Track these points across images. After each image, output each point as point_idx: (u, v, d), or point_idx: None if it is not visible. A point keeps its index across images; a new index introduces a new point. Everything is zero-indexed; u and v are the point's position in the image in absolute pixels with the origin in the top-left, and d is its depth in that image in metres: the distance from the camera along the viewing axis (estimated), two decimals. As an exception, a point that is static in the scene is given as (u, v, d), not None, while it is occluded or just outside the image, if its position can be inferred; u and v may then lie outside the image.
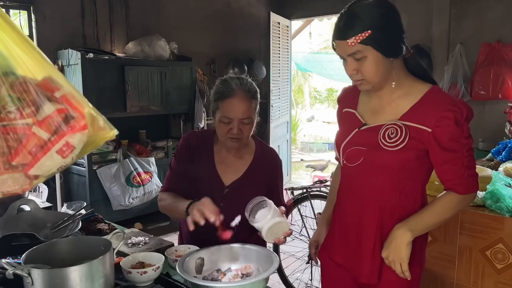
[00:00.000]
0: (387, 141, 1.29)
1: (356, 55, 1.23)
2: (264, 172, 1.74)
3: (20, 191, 0.75)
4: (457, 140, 1.26)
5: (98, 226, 1.84)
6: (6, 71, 0.73)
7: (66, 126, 0.74)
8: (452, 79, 4.35)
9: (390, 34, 1.23)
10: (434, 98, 1.29)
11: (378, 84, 1.29)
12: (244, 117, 1.60)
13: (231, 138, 1.63)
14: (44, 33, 3.97)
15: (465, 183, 1.29)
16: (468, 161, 1.28)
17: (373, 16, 1.20)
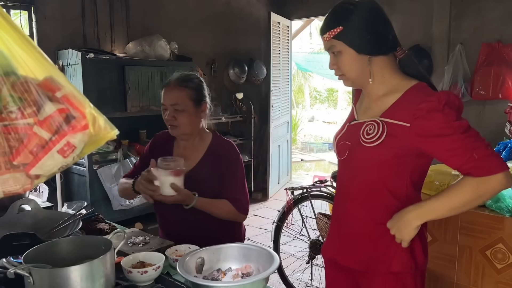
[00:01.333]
0: (365, 137, 1.32)
1: (332, 49, 1.32)
2: (217, 164, 1.83)
3: (21, 190, 0.76)
4: (446, 125, 1.21)
5: (99, 226, 1.84)
6: (7, 71, 0.73)
7: (67, 126, 0.74)
8: (452, 79, 4.35)
9: (362, 32, 1.28)
10: (414, 93, 1.29)
11: (356, 80, 1.35)
12: (173, 103, 1.78)
13: (170, 125, 1.82)
14: (44, 33, 3.97)
15: (478, 164, 1.18)
16: (470, 142, 1.20)
17: (346, 14, 1.29)
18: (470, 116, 4.45)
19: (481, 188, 1.21)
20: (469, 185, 1.22)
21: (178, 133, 1.84)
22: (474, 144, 1.20)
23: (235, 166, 1.86)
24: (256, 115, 5.75)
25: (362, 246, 1.39)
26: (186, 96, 1.79)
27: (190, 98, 1.80)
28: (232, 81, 5.65)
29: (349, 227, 1.42)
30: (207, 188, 1.78)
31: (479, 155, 1.19)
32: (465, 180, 1.23)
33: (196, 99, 1.82)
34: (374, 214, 1.36)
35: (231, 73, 5.60)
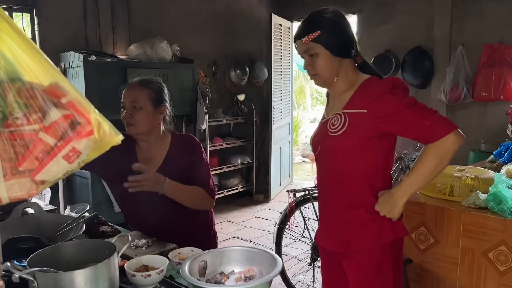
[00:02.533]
0: (331, 128, 1.53)
1: (309, 51, 1.51)
2: (182, 157, 1.90)
3: (26, 196, 0.76)
4: (396, 103, 1.40)
5: (102, 229, 1.85)
6: (13, 77, 0.74)
7: (72, 131, 0.74)
8: (454, 80, 4.35)
9: (337, 37, 1.50)
10: (366, 85, 1.51)
11: (328, 79, 1.54)
12: (132, 100, 1.82)
13: (126, 123, 1.85)
14: (46, 36, 3.99)
15: (431, 130, 1.37)
16: (420, 113, 1.39)
17: (323, 20, 1.50)
18: (472, 117, 4.45)
19: (440, 151, 1.38)
20: (430, 151, 1.40)
21: (134, 132, 1.86)
22: (424, 113, 1.39)
23: (199, 153, 1.95)
24: (257, 116, 5.76)
25: (340, 230, 1.59)
26: (146, 96, 1.84)
27: (149, 98, 1.84)
28: (234, 82, 5.66)
29: (328, 214, 1.64)
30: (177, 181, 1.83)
31: (430, 122, 1.37)
32: (426, 148, 1.42)
33: (155, 100, 1.86)
34: (347, 198, 1.54)
35: (232, 75, 5.61)
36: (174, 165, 1.88)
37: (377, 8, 5.06)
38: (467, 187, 2.16)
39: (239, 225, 4.84)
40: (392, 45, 4.95)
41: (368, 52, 5.15)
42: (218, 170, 5.34)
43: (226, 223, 4.91)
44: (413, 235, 2.21)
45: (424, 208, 2.17)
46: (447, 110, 4.61)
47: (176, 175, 1.84)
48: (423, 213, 2.17)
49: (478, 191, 2.09)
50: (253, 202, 5.67)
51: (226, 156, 5.59)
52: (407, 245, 2.24)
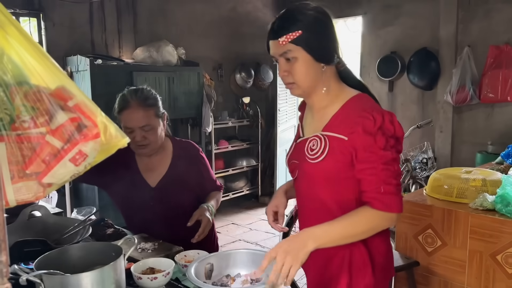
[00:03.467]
0: (310, 153, 1.29)
1: (287, 54, 1.24)
2: (186, 165, 1.90)
3: (33, 199, 0.76)
4: (370, 150, 1.19)
5: (108, 232, 1.85)
6: (20, 80, 0.74)
7: (79, 134, 0.75)
8: (460, 82, 4.33)
9: (322, 39, 1.24)
10: (352, 105, 1.27)
11: (308, 88, 1.29)
12: (142, 125, 1.74)
13: (138, 146, 1.77)
14: (53, 40, 4.02)
15: (381, 198, 1.19)
16: (385, 175, 1.19)
17: (306, 18, 1.23)
18: (478, 119, 4.43)
19: (375, 221, 1.21)
20: (366, 215, 1.21)
21: (148, 151, 1.83)
22: (387, 179, 1.19)
23: (202, 160, 1.99)
24: (262, 119, 5.76)
25: (318, 266, 1.36)
26: (152, 115, 1.79)
27: (155, 116, 1.80)
28: (239, 85, 5.66)
29: None
30: (182, 191, 1.88)
31: (385, 189, 1.19)
32: (363, 210, 1.21)
33: (159, 115, 1.83)
34: None
35: (237, 78, 5.61)
36: (179, 174, 1.89)
37: (382, 10, 5.05)
38: (474, 189, 2.15)
39: (245, 228, 4.83)
40: (397, 47, 4.94)
41: (374, 54, 5.15)
42: (224, 173, 5.34)
43: (231, 226, 4.91)
44: (420, 238, 2.20)
45: (431, 210, 2.15)
46: (453, 112, 4.59)
47: (179, 183, 1.87)
48: (430, 215, 2.15)
49: (486, 193, 2.07)
50: (259, 204, 5.67)
51: (231, 158, 5.60)
52: (414, 248, 2.23)
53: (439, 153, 4.68)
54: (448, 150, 4.66)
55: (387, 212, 1.20)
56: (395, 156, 1.21)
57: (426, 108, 4.86)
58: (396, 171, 1.21)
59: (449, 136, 4.64)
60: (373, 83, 5.18)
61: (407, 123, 4.84)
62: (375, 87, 5.16)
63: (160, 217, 1.84)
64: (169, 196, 1.85)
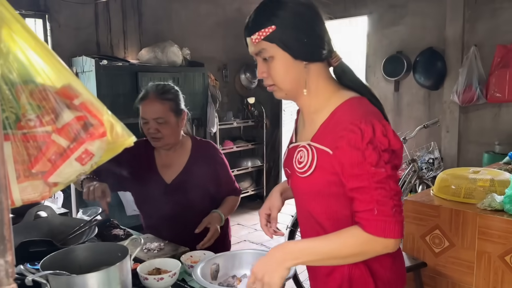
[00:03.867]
0: (298, 166, 1.16)
1: (262, 54, 1.11)
2: (203, 164, 1.90)
3: (39, 198, 0.76)
4: (360, 168, 1.03)
5: (114, 232, 1.85)
6: (26, 79, 0.74)
7: (85, 133, 0.74)
8: (467, 81, 4.29)
9: (299, 33, 1.08)
10: (342, 112, 1.10)
11: (290, 91, 1.14)
12: (156, 117, 1.78)
13: (152, 138, 1.82)
14: (58, 41, 4.03)
15: (374, 220, 1.02)
16: (380, 195, 1.02)
17: (280, 11, 1.07)
18: (485, 118, 4.39)
19: (367, 246, 1.05)
20: (356, 238, 1.05)
21: (162, 145, 1.86)
22: (382, 199, 1.02)
23: (222, 161, 1.97)
24: (267, 119, 5.75)
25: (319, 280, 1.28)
26: (168, 109, 1.81)
27: (171, 110, 1.82)
28: (244, 86, 5.65)
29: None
30: (197, 190, 1.87)
31: (380, 212, 1.02)
32: (354, 231, 1.05)
33: (176, 110, 1.84)
34: None
35: (242, 78, 5.61)
36: (194, 173, 1.88)
37: (387, 10, 5.02)
38: (482, 189, 2.13)
39: (250, 228, 4.82)
40: (403, 47, 4.91)
41: (379, 53, 5.12)
42: (229, 174, 5.33)
43: (237, 226, 4.89)
44: (428, 238, 2.18)
45: (438, 210, 2.13)
46: (460, 112, 4.55)
47: (194, 182, 1.86)
48: (438, 215, 2.13)
49: (494, 193, 2.05)
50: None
51: (236, 159, 5.59)
52: (421, 248, 2.21)
53: (445, 153, 4.65)
54: (455, 150, 4.63)
55: (384, 238, 1.02)
56: (391, 173, 1.04)
57: (432, 108, 4.83)
58: (392, 190, 1.03)
59: (455, 136, 4.61)
60: (379, 83, 5.15)
61: (413, 123, 4.81)
62: (381, 87, 5.13)
63: (174, 215, 1.84)
64: (183, 194, 1.85)
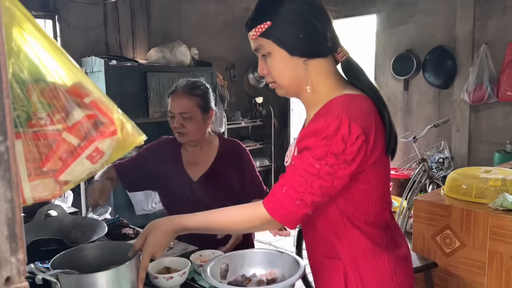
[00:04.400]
0: (285, 164, 1.17)
1: (260, 50, 1.11)
2: (230, 163, 1.88)
3: (50, 197, 0.76)
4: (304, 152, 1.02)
5: (123, 231, 1.85)
6: (37, 78, 0.74)
7: (96, 131, 0.74)
8: (477, 80, 4.25)
9: (296, 29, 1.05)
10: (325, 108, 1.07)
11: (289, 87, 1.13)
12: (181, 111, 1.78)
13: (178, 133, 1.82)
14: (68, 41, 4.05)
15: (272, 196, 1.03)
16: (297, 181, 1.00)
17: (275, 5, 1.06)
18: (496, 117, 4.34)
19: (253, 216, 1.07)
20: (249, 208, 1.09)
21: (186, 140, 1.85)
22: (296, 186, 1.00)
23: (249, 161, 1.95)
24: (276, 119, 5.74)
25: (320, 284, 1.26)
26: (194, 104, 1.80)
27: (197, 106, 1.81)
28: (252, 85, 5.65)
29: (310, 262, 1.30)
30: (222, 189, 1.85)
31: (286, 192, 1.01)
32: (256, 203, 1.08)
33: (203, 107, 1.83)
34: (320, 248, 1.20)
35: (250, 78, 5.60)
36: (221, 172, 1.87)
37: (396, 8, 4.99)
38: (494, 189, 2.10)
39: (259, 228, 4.81)
40: (412, 45, 4.88)
41: (388, 52, 5.09)
42: (237, 173, 5.33)
43: (245, 226, 4.89)
44: (438, 238, 2.16)
45: (449, 210, 2.11)
46: (470, 111, 4.51)
47: (220, 180, 1.85)
48: (449, 215, 2.11)
49: (506, 192, 2.03)
50: (272, 205, 5.64)
51: (245, 159, 5.59)
52: (431, 248, 2.19)
53: (456, 152, 4.60)
54: (465, 149, 4.59)
55: (263, 204, 1.04)
56: (323, 176, 0.98)
57: (442, 107, 4.79)
58: (311, 188, 0.99)
59: (466, 135, 4.57)
60: (388, 82, 5.12)
61: (423, 122, 4.77)
62: (390, 86, 5.10)
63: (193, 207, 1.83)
64: (209, 192, 1.83)
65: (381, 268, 1.13)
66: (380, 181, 1.11)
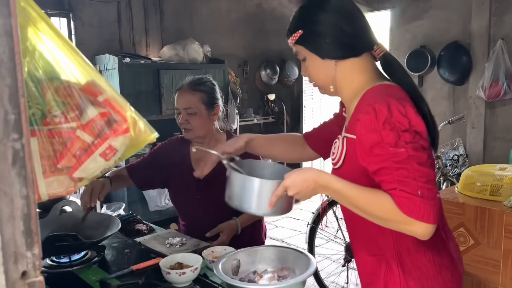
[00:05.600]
0: (332, 158, 1.22)
1: (298, 55, 1.21)
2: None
3: (65, 193, 0.77)
4: (378, 148, 1.02)
5: (137, 227, 1.88)
6: (51, 76, 0.75)
7: (109, 129, 0.75)
8: (493, 76, 4.18)
9: (323, 34, 1.14)
10: (364, 99, 1.12)
11: (326, 87, 1.21)
12: (186, 107, 1.81)
13: (183, 129, 1.85)
14: (82, 39, 4.10)
15: (399, 197, 0.99)
16: (400, 175, 0.99)
17: (307, 14, 1.17)
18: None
19: (389, 213, 1.01)
20: (385, 202, 1.01)
21: (192, 136, 1.87)
22: (404, 180, 0.99)
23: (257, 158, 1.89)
24: (288, 116, 5.73)
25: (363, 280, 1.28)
26: (198, 100, 1.82)
27: (202, 102, 1.83)
28: (264, 82, 5.65)
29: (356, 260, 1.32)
30: None
31: (422, 193, 0.98)
32: (385, 196, 1.02)
33: (208, 103, 1.85)
34: (364, 245, 1.22)
35: (263, 75, 5.60)
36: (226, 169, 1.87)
37: (410, 4, 4.93)
38: (509, 187, 2.07)
39: (271, 225, 4.82)
40: (427, 41, 4.82)
41: (402, 48, 5.04)
42: (250, 170, 5.33)
43: (257, 223, 4.91)
44: (452, 236, 2.14)
45: (463, 208, 2.09)
46: (486, 107, 4.44)
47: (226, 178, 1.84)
48: (463, 213, 2.09)
49: (522, 190, 2.00)
50: (285, 202, 5.64)
51: (256, 155, 5.59)
52: (445, 247, 2.16)
53: (470, 149, 4.54)
54: (481, 146, 4.52)
55: (404, 214, 0.98)
56: (413, 154, 0.99)
57: (457, 103, 4.72)
58: (417, 171, 0.99)
59: (481, 132, 4.50)
60: (401, 79, 5.07)
61: (437, 119, 4.68)
62: (404, 83, 5.05)
63: (206, 211, 1.85)
64: (215, 189, 1.80)
65: (426, 266, 1.12)
66: None
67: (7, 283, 0.53)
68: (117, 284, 1.34)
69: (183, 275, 1.31)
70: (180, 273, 1.31)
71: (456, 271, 1.19)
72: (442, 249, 1.17)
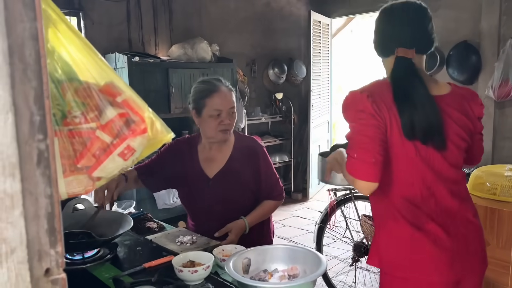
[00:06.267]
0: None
1: None
2: (245, 160, 1.88)
3: (83, 192, 0.79)
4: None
5: (148, 225, 1.90)
6: (71, 77, 0.77)
7: (128, 129, 0.76)
8: (503, 76, 4.15)
9: (376, 37, 1.44)
10: None
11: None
12: (231, 106, 1.81)
13: (222, 131, 1.79)
14: (92, 38, 4.13)
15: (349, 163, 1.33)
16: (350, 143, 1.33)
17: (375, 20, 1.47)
18: (522, 114, 4.24)
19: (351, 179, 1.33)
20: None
21: (228, 135, 1.87)
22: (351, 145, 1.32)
23: (265, 158, 1.94)
24: (295, 115, 5.73)
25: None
26: (235, 98, 1.85)
27: (237, 99, 1.88)
28: (272, 81, 5.65)
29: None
30: (237, 184, 1.87)
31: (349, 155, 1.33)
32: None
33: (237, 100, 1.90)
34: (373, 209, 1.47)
35: (270, 73, 5.61)
36: (236, 168, 1.87)
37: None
38: (519, 187, 2.07)
39: (278, 224, 4.83)
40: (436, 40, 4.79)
41: (411, 48, 5.01)
42: (257, 169, 5.34)
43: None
44: (461, 237, 2.13)
45: (473, 208, 2.08)
46: (495, 107, 4.41)
47: (235, 177, 1.86)
48: (472, 214, 2.08)
49: (532, 191, 1.99)
50: (292, 201, 5.66)
51: (264, 154, 5.60)
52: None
53: (479, 150, 4.52)
54: (490, 146, 4.50)
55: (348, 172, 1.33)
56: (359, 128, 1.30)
57: (465, 103, 4.69)
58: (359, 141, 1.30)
59: (490, 132, 4.47)
60: (409, 78, 5.04)
61: (445, 119, 4.69)
62: (412, 82, 5.02)
63: (216, 210, 1.85)
64: (225, 188, 1.85)
65: (397, 232, 1.33)
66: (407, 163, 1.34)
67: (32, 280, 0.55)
68: (130, 282, 1.36)
69: (195, 273, 1.32)
70: (193, 271, 1.32)
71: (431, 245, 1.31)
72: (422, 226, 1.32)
